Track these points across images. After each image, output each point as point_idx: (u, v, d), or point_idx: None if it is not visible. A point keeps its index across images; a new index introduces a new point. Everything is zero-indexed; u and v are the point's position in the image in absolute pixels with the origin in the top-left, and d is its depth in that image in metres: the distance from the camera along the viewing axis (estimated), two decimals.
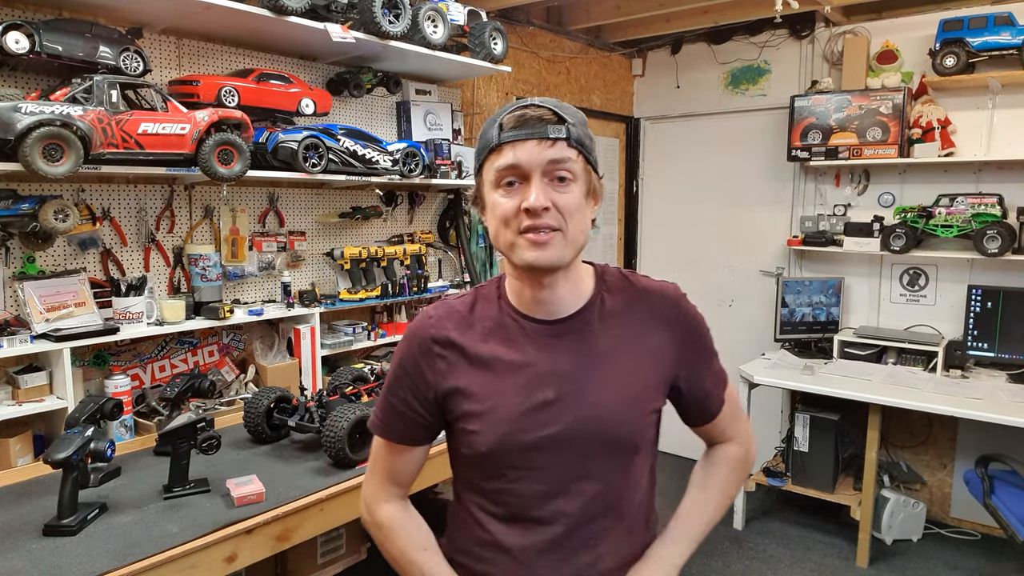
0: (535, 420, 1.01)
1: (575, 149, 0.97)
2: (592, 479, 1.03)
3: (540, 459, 1.02)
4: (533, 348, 1.03)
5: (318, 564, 2.50)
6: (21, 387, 1.92)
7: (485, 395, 1.03)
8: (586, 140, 1.00)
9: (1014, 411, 2.78)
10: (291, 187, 2.65)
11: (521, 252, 0.97)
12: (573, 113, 1.00)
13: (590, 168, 1.01)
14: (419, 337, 1.07)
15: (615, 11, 3.77)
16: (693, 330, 1.11)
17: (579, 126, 0.99)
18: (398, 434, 1.12)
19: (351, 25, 2.41)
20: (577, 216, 0.98)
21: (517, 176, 0.97)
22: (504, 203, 0.97)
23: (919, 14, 3.61)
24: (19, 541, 1.42)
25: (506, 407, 1.02)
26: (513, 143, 0.96)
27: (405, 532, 1.14)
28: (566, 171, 0.97)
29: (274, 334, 2.60)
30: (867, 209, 3.82)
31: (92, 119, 1.81)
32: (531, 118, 0.97)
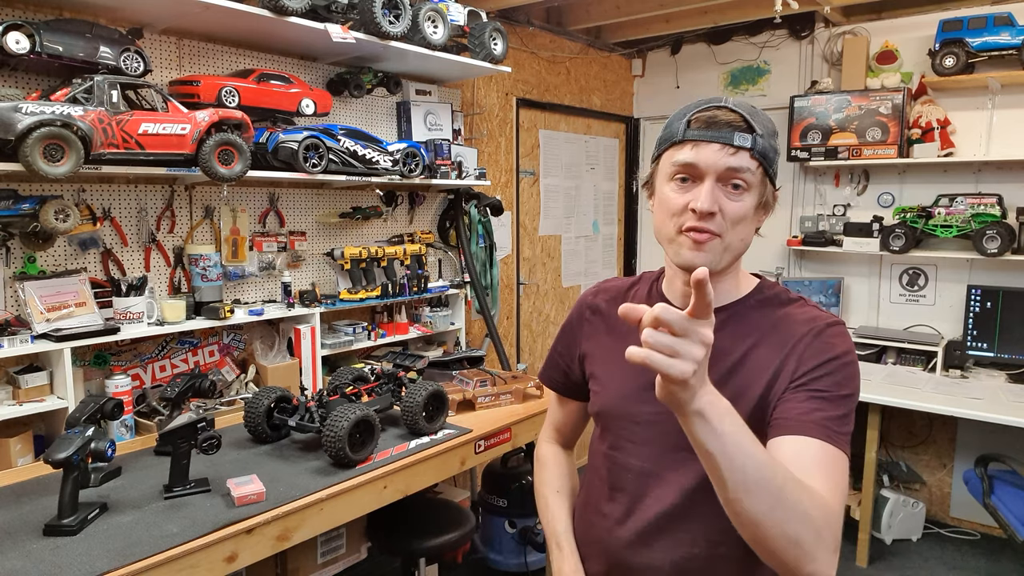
0: (645, 396, 1.01)
1: (756, 160, 0.97)
2: (687, 470, 1.03)
3: (643, 434, 1.07)
4: None
5: (318, 564, 2.51)
6: (22, 387, 1.92)
7: (611, 361, 1.13)
8: (770, 152, 0.99)
9: (1014, 411, 2.78)
10: (291, 187, 2.65)
11: (679, 249, 1.00)
12: (764, 123, 0.99)
13: (767, 180, 1.00)
14: (581, 302, 1.24)
15: (615, 11, 3.77)
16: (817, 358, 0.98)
17: (767, 137, 0.98)
18: (553, 382, 1.30)
19: (351, 25, 2.41)
20: (741, 226, 0.99)
21: (692, 175, 0.98)
22: (674, 197, 0.99)
23: (919, 14, 3.62)
24: (19, 541, 1.42)
25: (624, 377, 1.09)
26: (696, 142, 0.97)
27: (548, 471, 1.31)
28: (742, 180, 0.97)
29: (274, 334, 2.60)
30: (866, 209, 3.82)
31: (93, 119, 1.81)
32: (720, 121, 0.97)
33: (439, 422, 2.11)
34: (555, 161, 4.13)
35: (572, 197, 4.31)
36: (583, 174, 4.37)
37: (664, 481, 1.06)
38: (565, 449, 1.36)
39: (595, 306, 1.21)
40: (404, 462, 1.89)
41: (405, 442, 2.00)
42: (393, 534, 2.29)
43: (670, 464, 1.05)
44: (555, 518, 1.24)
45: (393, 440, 2.02)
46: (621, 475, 1.11)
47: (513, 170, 3.79)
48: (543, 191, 4.08)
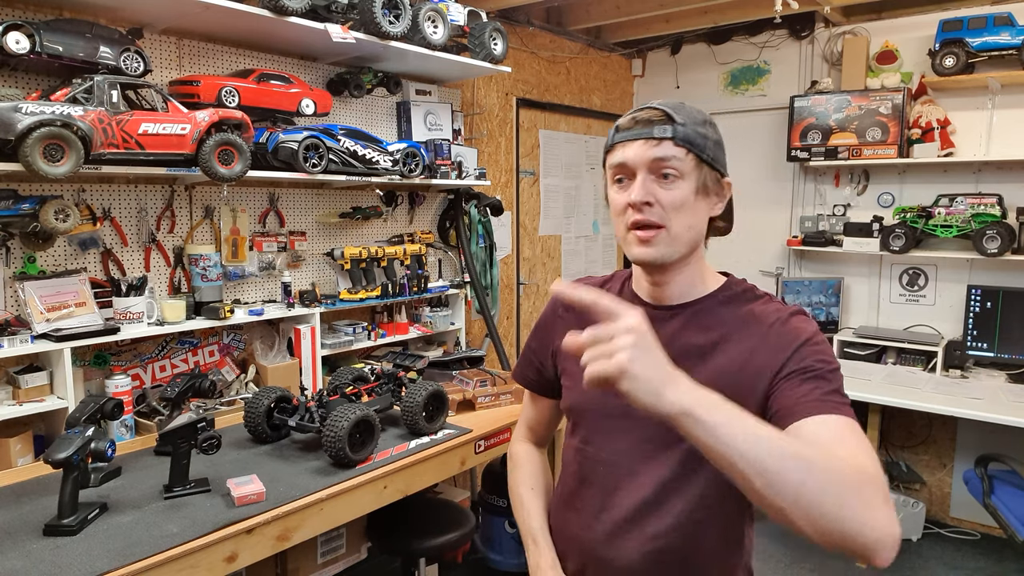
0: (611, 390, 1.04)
1: (682, 147, 1.00)
2: (657, 462, 1.04)
3: (613, 427, 1.09)
4: None
5: (318, 564, 2.51)
6: (21, 387, 1.92)
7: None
8: (697, 139, 1.01)
9: (1014, 411, 2.78)
10: (291, 187, 2.65)
11: (629, 247, 1.05)
12: (689, 113, 1.03)
13: (706, 165, 1.03)
14: (554, 300, 1.23)
15: (615, 11, 3.77)
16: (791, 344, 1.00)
17: (691, 125, 1.02)
18: (526, 380, 1.31)
19: (351, 25, 2.41)
20: (683, 213, 1.01)
21: (626, 174, 1.04)
22: (616, 198, 1.05)
23: (919, 14, 3.62)
24: (19, 541, 1.42)
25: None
26: (624, 143, 1.03)
27: (522, 469, 1.32)
28: (671, 168, 1.00)
29: (274, 334, 2.60)
30: (866, 209, 3.82)
31: (93, 119, 1.81)
32: (641, 119, 1.03)
33: (439, 422, 2.11)
34: (555, 161, 4.13)
35: (572, 197, 4.31)
36: (583, 174, 4.37)
37: (635, 473, 1.07)
38: (538, 447, 1.37)
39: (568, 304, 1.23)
40: (404, 462, 1.89)
41: (405, 442, 2.00)
42: (393, 534, 2.29)
43: (640, 456, 1.07)
44: (530, 515, 1.25)
45: (393, 440, 2.02)
46: (593, 469, 1.13)
47: (513, 170, 3.79)
48: (543, 191, 4.08)
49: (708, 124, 1.05)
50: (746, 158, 4.23)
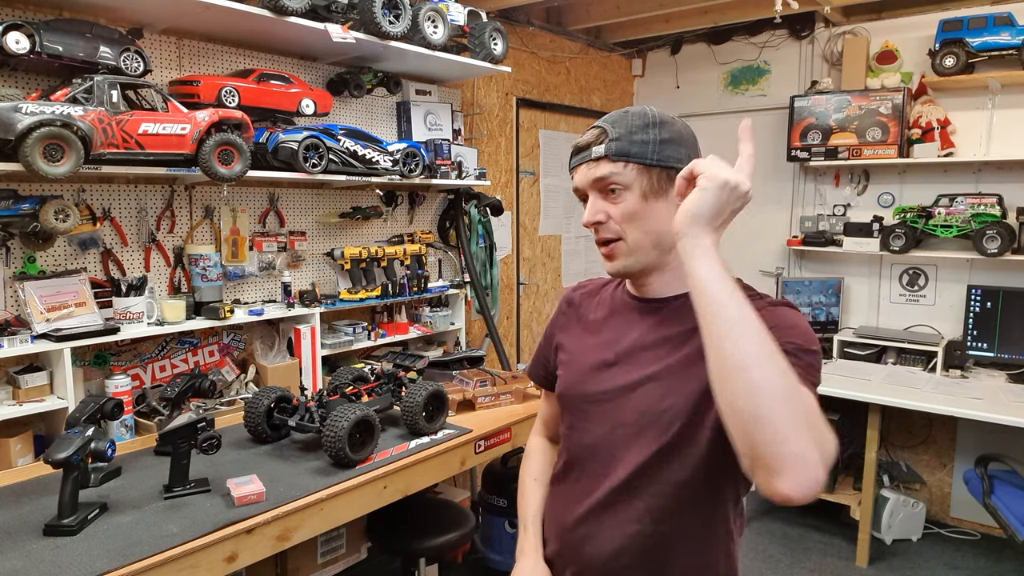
0: (597, 377, 1.12)
1: (620, 161, 1.03)
2: (633, 446, 1.06)
3: (594, 411, 1.12)
4: (622, 318, 1.14)
5: (318, 564, 2.51)
6: (21, 387, 1.92)
7: (574, 349, 1.20)
8: (633, 148, 1.03)
9: (1014, 411, 2.78)
10: (291, 187, 2.65)
11: (604, 262, 1.11)
12: (628, 123, 1.05)
13: (651, 170, 1.04)
14: (562, 297, 1.29)
15: (615, 11, 3.77)
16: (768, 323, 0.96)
17: (627, 136, 1.04)
18: (537, 376, 1.33)
19: (351, 25, 2.41)
20: (636, 221, 1.04)
21: (581, 198, 1.10)
22: (584, 218, 1.10)
23: (919, 14, 3.62)
24: (19, 541, 1.42)
25: (581, 360, 1.16)
26: (575, 168, 1.10)
27: (531, 461, 1.35)
28: (614, 183, 1.04)
29: (274, 334, 2.60)
30: (867, 209, 3.82)
31: (92, 119, 1.81)
32: (583, 144, 1.08)
33: (439, 422, 2.11)
34: (555, 161, 4.13)
35: (572, 197, 4.29)
36: None
37: (612, 458, 1.09)
38: (553, 442, 1.38)
39: (571, 299, 1.27)
40: (404, 462, 1.89)
41: (405, 442, 2.00)
42: (393, 534, 2.29)
43: (618, 440, 1.08)
44: (528, 503, 1.29)
45: (393, 440, 2.02)
46: (576, 453, 1.16)
47: (513, 170, 3.79)
48: (543, 191, 4.08)
49: (652, 126, 1.05)
50: None
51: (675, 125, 1.08)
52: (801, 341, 0.98)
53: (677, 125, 1.08)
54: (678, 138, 1.07)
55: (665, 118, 1.08)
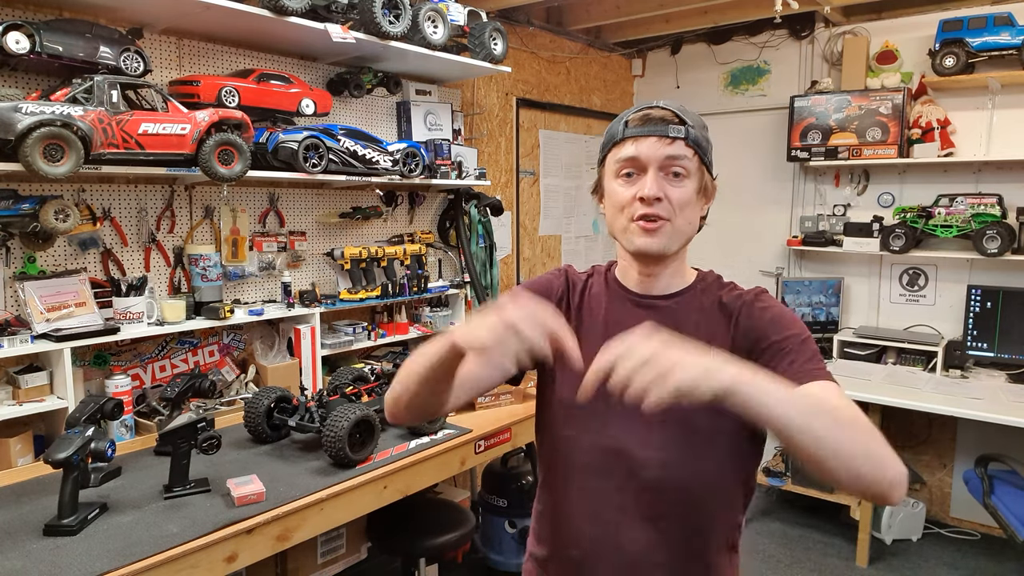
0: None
1: (692, 148, 1.05)
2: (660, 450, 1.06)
3: (611, 415, 1.09)
4: (619, 311, 1.14)
5: (318, 564, 2.51)
6: (21, 387, 1.92)
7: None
8: (703, 142, 1.07)
9: (1014, 411, 2.78)
10: (291, 187, 2.65)
11: (632, 237, 1.07)
12: (694, 117, 1.08)
13: (704, 168, 1.08)
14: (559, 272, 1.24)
15: (615, 11, 3.77)
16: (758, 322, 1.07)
17: (698, 128, 1.07)
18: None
19: (351, 25, 2.41)
20: (687, 210, 1.06)
21: (636, 168, 1.06)
22: (622, 191, 1.07)
23: (919, 14, 3.62)
24: (19, 541, 1.42)
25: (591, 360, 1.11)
26: (636, 138, 1.06)
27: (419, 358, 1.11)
28: (681, 167, 1.05)
29: (274, 334, 2.60)
30: (867, 209, 3.82)
31: (93, 119, 1.81)
32: (654, 118, 1.06)
33: (439, 422, 2.11)
34: (555, 161, 4.13)
35: (572, 197, 4.30)
36: (583, 174, 4.36)
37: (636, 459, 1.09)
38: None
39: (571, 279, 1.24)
40: (404, 462, 1.89)
41: (405, 442, 2.00)
42: (393, 534, 2.29)
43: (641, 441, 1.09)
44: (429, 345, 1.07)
45: (393, 440, 2.03)
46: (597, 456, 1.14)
47: (513, 170, 3.79)
48: (543, 191, 4.08)
49: (706, 129, 1.11)
50: (746, 158, 4.23)
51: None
52: (798, 330, 1.06)
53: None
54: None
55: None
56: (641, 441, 1.07)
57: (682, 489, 1.07)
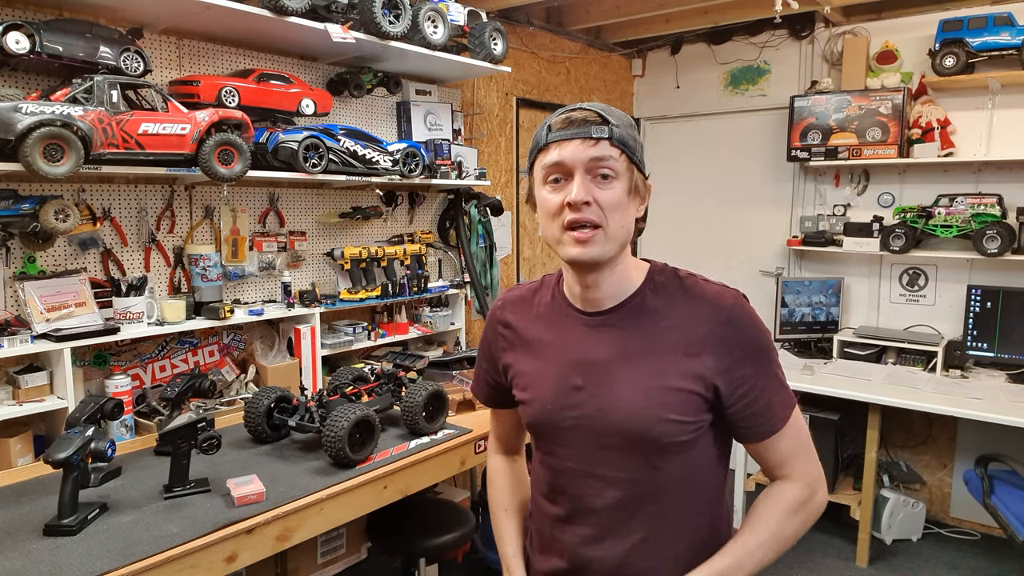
0: (566, 402, 1.10)
1: (617, 148, 1.02)
2: (617, 470, 1.07)
3: (570, 439, 1.11)
4: (573, 336, 1.12)
5: (318, 564, 2.51)
6: (21, 387, 1.92)
7: (531, 372, 1.16)
8: (630, 141, 1.03)
9: (1014, 411, 2.78)
10: (291, 187, 2.65)
11: (565, 248, 1.05)
12: (619, 116, 1.05)
13: (634, 167, 1.04)
14: (491, 317, 1.26)
15: (615, 11, 3.77)
16: (742, 341, 1.05)
17: (623, 127, 1.03)
18: (485, 397, 1.32)
19: (351, 25, 2.41)
20: (618, 212, 1.03)
21: (562, 173, 1.03)
22: (550, 198, 1.04)
23: (919, 14, 3.62)
24: (19, 541, 1.42)
25: (545, 386, 1.13)
26: (559, 142, 1.03)
27: (495, 488, 1.34)
28: (608, 168, 1.01)
29: (274, 334, 2.60)
30: (867, 209, 3.82)
31: (93, 119, 1.81)
32: (576, 120, 1.03)
33: (439, 422, 2.11)
34: None
35: None
36: None
37: (601, 479, 1.09)
38: (512, 455, 1.37)
39: (504, 320, 1.22)
40: (404, 462, 1.89)
41: (405, 442, 2.00)
42: (393, 534, 2.29)
43: (599, 462, 1.09)
44: (504, 540, 1.28)
45: (393, 440, 2.03)
46: (559, 478, 1.15)
47: (513, 170, 3.79)
48: None
49: (633, 127, 1.07)
50: (746, 158, 4.23)
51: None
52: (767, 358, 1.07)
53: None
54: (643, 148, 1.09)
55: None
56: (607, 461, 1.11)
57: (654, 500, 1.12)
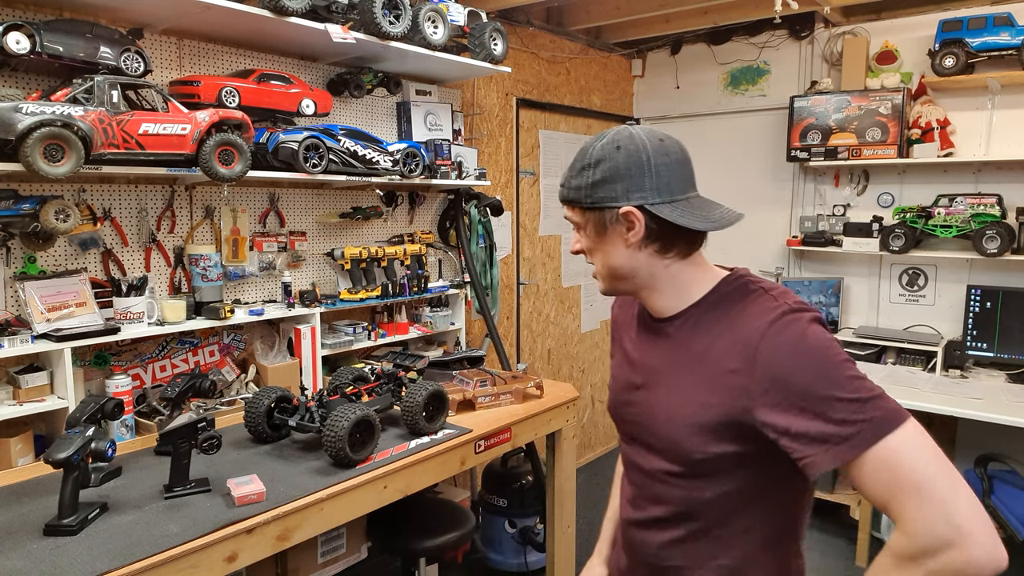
0: (627, 398, 1.18)
1: (569, 205, 1.11)
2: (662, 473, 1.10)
3: (630, 431, 1.19)
4: (642, 337, 1.19)
5: (318, 564, 2.51)
6: (22, 387, 1.92)
7: (614, 364, 1.26)
8: (573, 193, 1.08)
9: (1014, 411, 2.78)
10: (291, 187, 2.66)
11: None
12: (572, 168, 1.09)
13: (594, 211, 1.07)
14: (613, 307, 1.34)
15: (615, 11, 3.78)
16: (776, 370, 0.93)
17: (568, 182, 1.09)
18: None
19: (351, 26, 2.41)
20: (598, 254, 1.11)
21: None
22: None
23: (919, 15, 3.62)
24: (20, 541, 1.42)
25: (617, 380, 1.23)
26: None
27: (612, 497, 1.40)
28: (573, 223, 1.13)
29: (275, 334, 2.60)
30: (866, 209, 3.83)
31: (93, 119, 1.81)
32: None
33: (439, 422, 2.11)
34: (555, 161, 4.13)
35: None
36: None
37: (646, 474, 1.15)
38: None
39: (613, 313, 1.33)
40: (404, 462, 1.89)
41: (405, 442, 2.00)
42: (393, 534, 2.29)
43: (649, 458, 1.13)
44: (610, 504, 1.40)
45: (393, 440, 2.03)
46: (626, 463, 1.24)
47: (513, 170, 3.79)
48: (543, 191, 4.08)
49: (588, 168, 1.05)
50: (746, 158, 4.23)
51: (613, 160, 1.02)
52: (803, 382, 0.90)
53: (618, 158, 1.02)
54: (612, 175, 1.02)
55: (604, 154, 1.03)
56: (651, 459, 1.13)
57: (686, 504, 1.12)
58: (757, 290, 1.04)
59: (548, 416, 2.38)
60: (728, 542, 1.07)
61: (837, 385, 0.89)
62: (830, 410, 0.88)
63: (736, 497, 1.04)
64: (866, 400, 0.88)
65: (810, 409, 0.89)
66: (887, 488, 0.86)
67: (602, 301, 4.62)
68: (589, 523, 3.72)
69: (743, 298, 1.03)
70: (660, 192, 1.02)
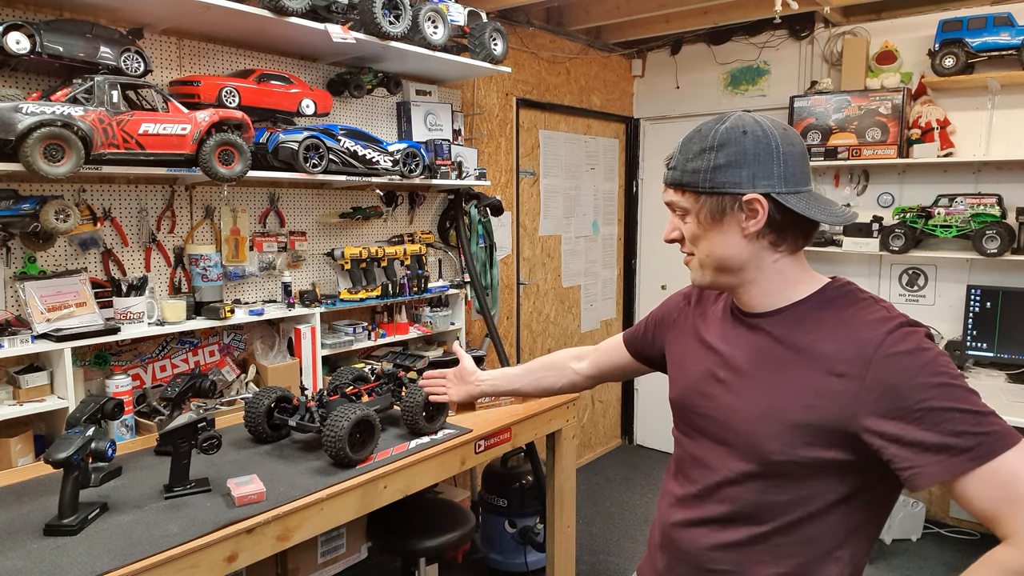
0: (705, 390, 1.13)
1: (676, 189, 1.07)
2: (726, 462, 1.08)
3: (701, 425, 1.14)
4: (725, 331, 1.14)
5: (318, 564, 2.51)
6: (22, 387, 1.93)
7: (681, 353, 1.23)
8: (687, 176, 1.04)
9: (1014, 411, 2.78)
10: (292, 187, 2.66)
11: None
12: (686, 149, 1.05)
13: (705, 196, 1.03)
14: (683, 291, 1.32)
15: (615, 11, 3.78)
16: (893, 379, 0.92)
17: (681, 164, 1.05)
18: (631, 332, 1.43)
19: (351, 26, 2.41)
20: (701, 243, 1.07)
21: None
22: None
23: (918, 15, 3.62)
24: (20, 541, 1.42)
25: (691, 371, 1.18)
26: None
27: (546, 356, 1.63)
28: (677, 208, 1.09)
29: (275, 334, 2.60)
30: (866, 209, 3.82)
31: (93, 119, 1.81)
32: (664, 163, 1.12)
33: (439, 422, 2.11)
34: (555, 161, 4.13)
35: (572, 197, 4.31)
36: (583, 174, 4.37)
37: (713, 471, 1.10)
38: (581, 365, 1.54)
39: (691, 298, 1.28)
40: (404, 462, 1.89)
41: (405, 442, 2.01)
42: (393, 534, 2.29)
43: (715, 456, 1.10)
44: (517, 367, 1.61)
45: (393, 440, 2.03)
46: (683, 459, 1.19)
47: (513, 170, 3.79)
48: (543, 191, 4.08)
49: (707, 151, 1.01)
50: None
51: (740, 144, 0.99)
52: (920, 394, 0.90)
53: (745, 143, 0.99)
54: (738, 159, 0.99)
55: (729, 138, 1.00)
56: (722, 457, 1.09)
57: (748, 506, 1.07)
58: (867, 299, 1.02)
59: (548, 416, 2.38)
60: (787, 551, 1.03)
61: (956, 398, 0.90)
62: (949, 422, 0.88)
63: (808, 504, 1.01)
64: (984, 415, 0.90)
65: (927, 420, 0.89)
66: (997, 504, 0.87)
67: (602, 301, 4.62)
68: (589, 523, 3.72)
69: (852, 304, 1.01)
70: (787, 181, 0.99)
